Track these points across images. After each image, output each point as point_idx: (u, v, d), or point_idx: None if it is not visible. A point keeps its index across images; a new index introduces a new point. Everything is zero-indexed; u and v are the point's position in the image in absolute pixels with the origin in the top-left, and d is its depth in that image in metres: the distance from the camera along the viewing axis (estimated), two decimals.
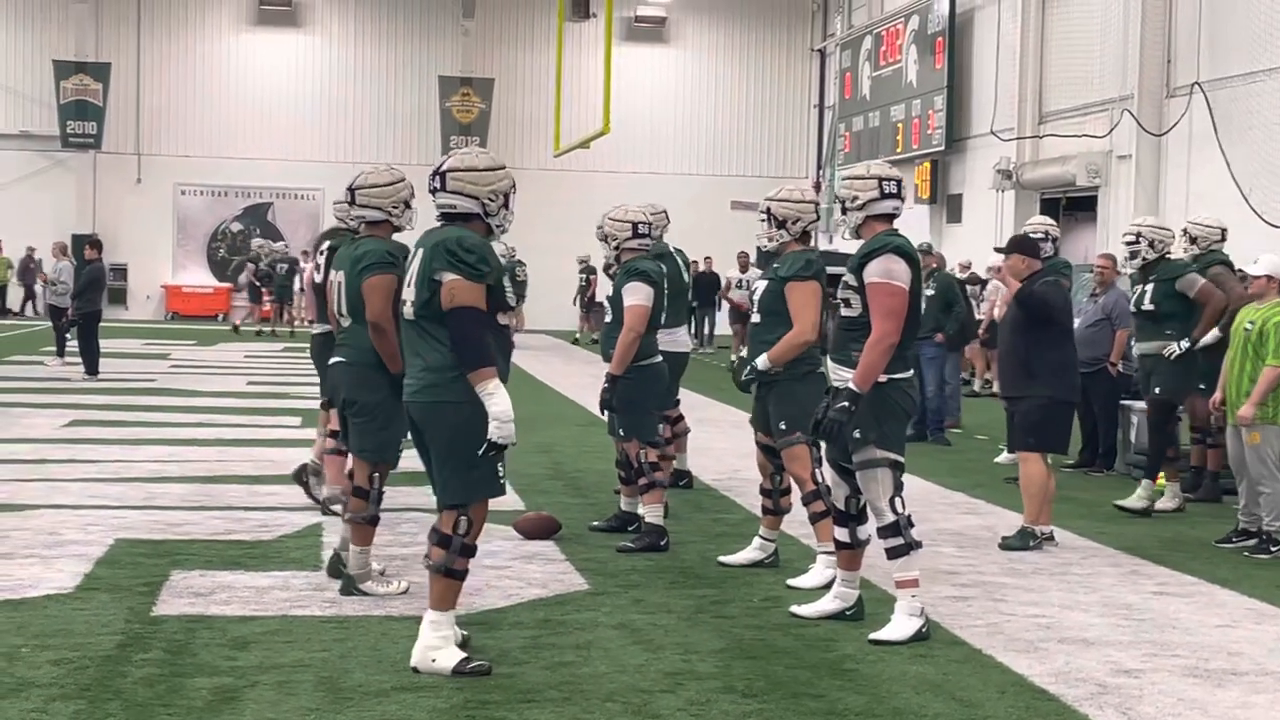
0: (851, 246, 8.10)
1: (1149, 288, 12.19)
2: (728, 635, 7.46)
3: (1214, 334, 11.96)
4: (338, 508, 8.69)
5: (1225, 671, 7.01)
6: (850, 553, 7.85)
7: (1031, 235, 12.89)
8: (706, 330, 34.59)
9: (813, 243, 9.07)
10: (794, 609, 7.94)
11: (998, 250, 15.17)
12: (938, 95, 34.38)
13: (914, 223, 35.13)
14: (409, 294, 6.66)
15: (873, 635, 7.38)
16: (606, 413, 9.94)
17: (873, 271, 7.48)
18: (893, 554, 7.50)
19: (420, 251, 6.65)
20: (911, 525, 7.54)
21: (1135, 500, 11.93)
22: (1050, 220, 13.48)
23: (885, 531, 7.50)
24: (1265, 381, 10.18)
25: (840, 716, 6.10)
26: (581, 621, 7.66)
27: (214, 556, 9.13)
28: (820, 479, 8.64)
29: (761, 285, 8.93)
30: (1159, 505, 11.91)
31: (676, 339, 11.29)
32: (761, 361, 8.66)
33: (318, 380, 10.65)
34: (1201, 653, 7.36)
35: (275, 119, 44.15)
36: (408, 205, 8.30)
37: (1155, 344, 12.10)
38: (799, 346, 8.60)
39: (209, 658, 6.75)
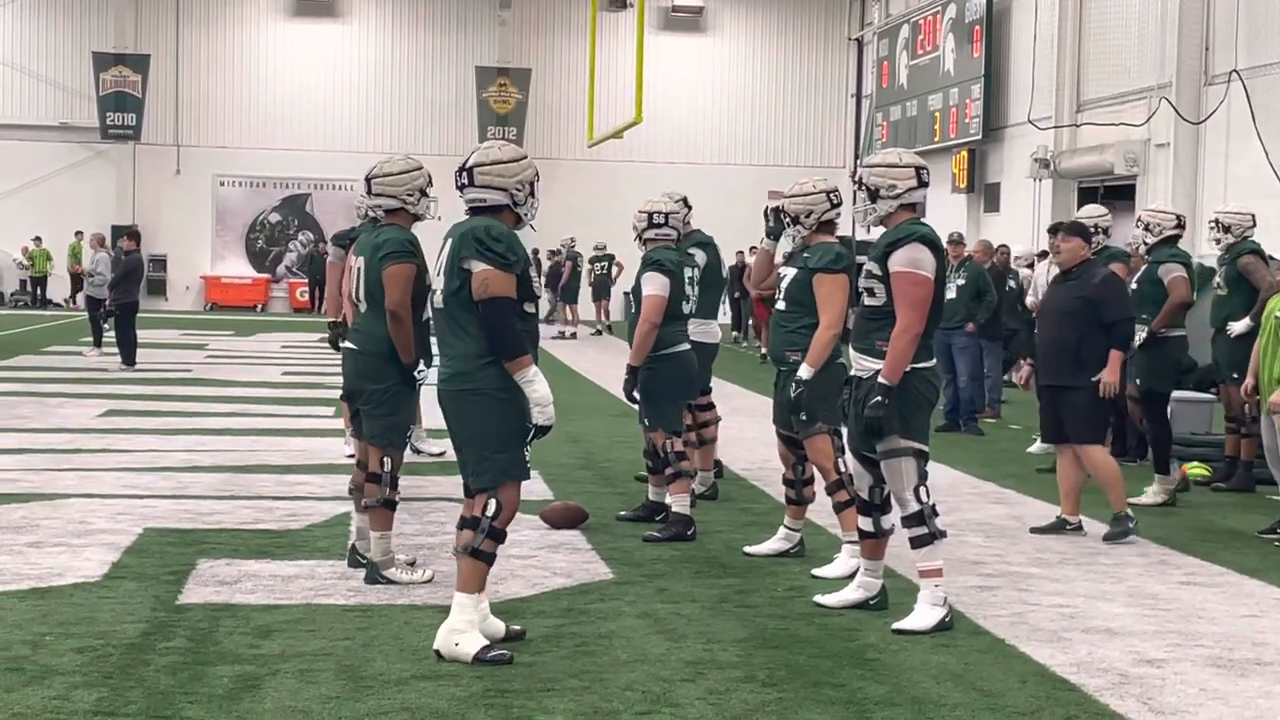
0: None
1: (1142, 269, 12.21)
2: (751, 625, 7.46)
3: (1245, 323, 11.88)
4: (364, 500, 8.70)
5: (1249, 661, 6.97)
6: (874, 542, 7.84)
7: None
8: (749, 322, 34.51)
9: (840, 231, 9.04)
10: (818, 599, 7.94)
11: (1052, 231, 15.03)
12: (975, 84, 34.25)
13: (951, 212, 35.05)
14: (438, 283, 6.75)
15: (896, 625, 7.37)
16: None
17: (899, 261, 7.46)
18: (917, 543, 7.49)
19: (449, 242, 6.72)
20: (936, 515, 7.53)
21: (1150, 497, 11.83)
22: (1103, 210, 13.35)
23: (909, 521, 7.49)
24: None
25: (860, 706, 6.09)
26: (605, 611, 7.67)
27: (241, 545, 9.18)
28: (843, 468, 8.63)
29: (790, 274, 8.91)
30: (1143, 500, 11.74)
31: (708, 330, 11.29)
32: (804, 371, 8.62)
33: None
34: (1226, 643, 7.32)
35: (313, 110, 44.33)
36: (424, 193, 8.33)
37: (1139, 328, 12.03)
38: (830, 341, 8.59)
39: (232, 646, 6.78)
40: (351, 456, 12.59)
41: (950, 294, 16.49)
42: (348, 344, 8.40)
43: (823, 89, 46.12)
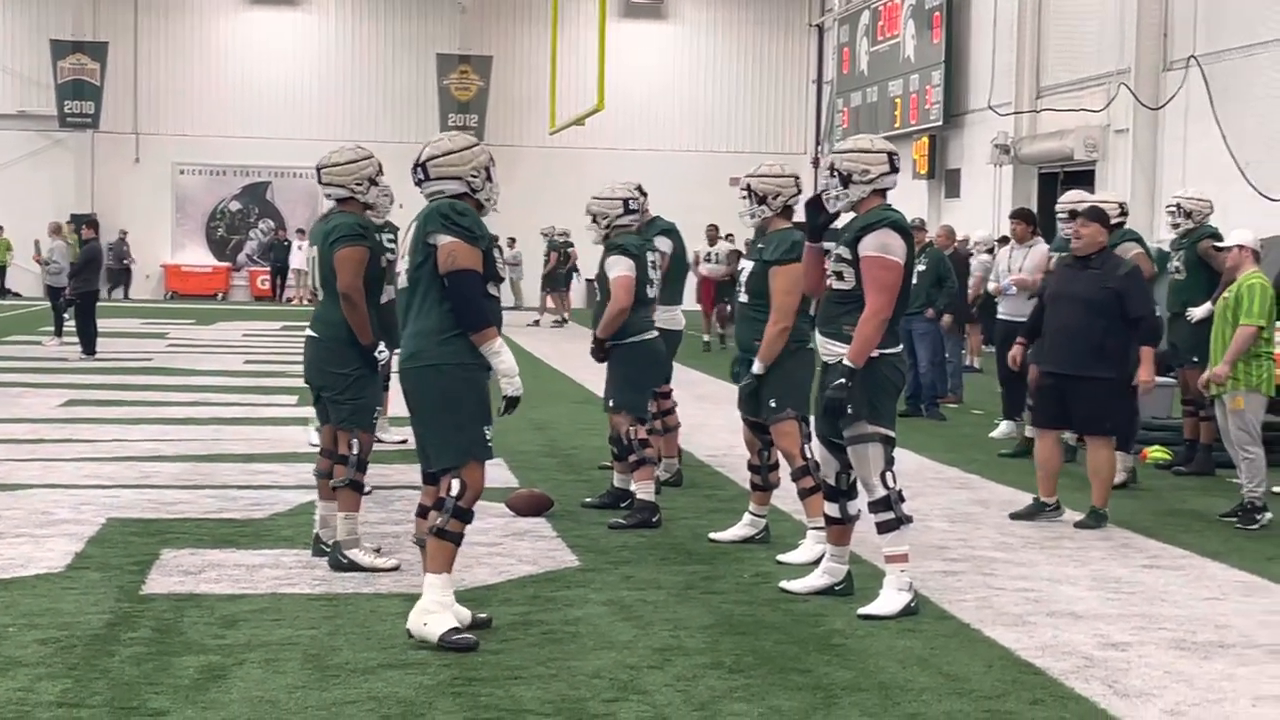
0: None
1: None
2: (717, 611, 7.47)
3: (1206, 308, 11.94)
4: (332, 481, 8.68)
5: (1212, 644, 7.02)
6: (840, 528, 7.86)
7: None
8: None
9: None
10: (783, 584, 7.95)
11: (1073, 214, 14.96)
12: (935, 70, 34.34)
13: (912, 198, 35.12)
14: (403, 264, 6.78)
15: (861, 610, 7.40)
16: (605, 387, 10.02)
17: (870, 245, 7.47)
18: (883, 528, 7.51)
19: (414, 224, 6.76)
20: (902, 500, 7.55)
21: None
22: (1084, 194, 13.31)
23: (876, 506, 7.51)
24: (1240, 340, 10.21)
25: (826, 691, 6.11)
26: (571, 598, 7.67)
27: (205, 535, 9.14)
28: (809, 455, 8.65)
29: (748, 266, 8.95)
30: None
31: (674, 317, 11.32)
32: (757, 366, 8.69)
33: None
34: (1189, 625, 7.37)
35: (273, 98, 44.11)
36: (373, 182, 8.40)
37: None
38: (783, 335, 8.63)
39: (197, 636, 6.76)
40: (315, 445, 12.60)
41: (911, 280, 16.51)
42: (309, 332, 8.39)
43: (784, 75, 46.15)
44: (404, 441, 12.57)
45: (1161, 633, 7.21)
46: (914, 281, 15.98)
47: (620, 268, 9.80)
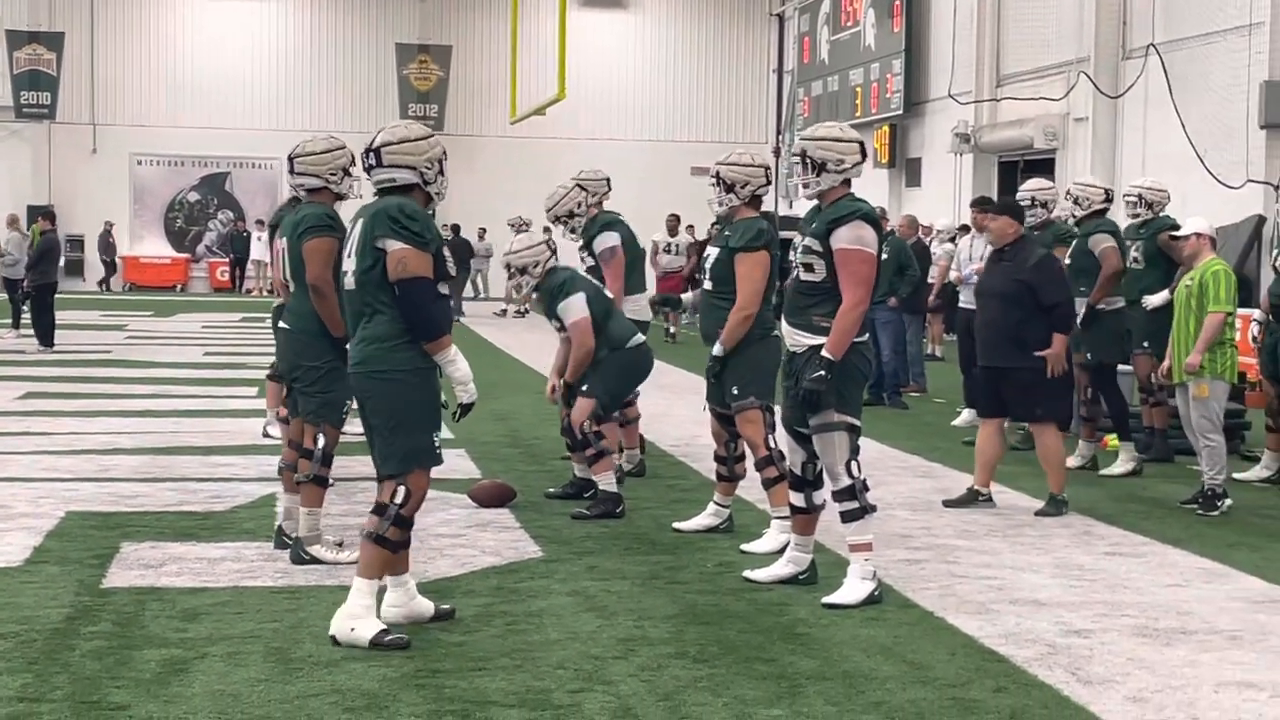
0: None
1: (1074, 244, 12.30)
2: (681, 601, 7.46)
3: (1163, 296, 11.99)
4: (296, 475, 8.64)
5: (1174, 631, 7.04)
6: (805, 518, 7.85)
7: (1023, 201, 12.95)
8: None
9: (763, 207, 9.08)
10: (747, 574, 7.95)
11: (979, 208, 15.10)
12: (896, 59, 34.39)
13: (873, 186, 35.18)
14: (349, 264, 6.65)
15: (826, 599, 7.40)
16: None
17: (844, 238, 7.46)
18: (847, 518, 7.51)
19: (360, 222, 6.64)
20: (867, 489, 7.56)
21: (1120, 465, 11.98)
22: (1047, 183, 13.41)
23: (841, 495, 7.50)
24: (1209, 327, 10.24)
25: (791, 680, 6.11)
26: (535, 589, 7.65)
27: (165, 528, 9.09)
28: (773, 444, 8.65)
29: (713, 254, 8.94)
30: (1113, 470, 11.94)
31: (640, 307, 11.32)
32: (717, 349, 8.71)
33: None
34: (1151, 612, 7.39)
35: (232, 88, 43.89)
36: (347, 172, 8.32)
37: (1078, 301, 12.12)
38: (746, 321, 8.64)
39: (158, 629, 6.71)
40: (269, 436, 12.57)
41: None
42: (281, 324, 8.35)
43: (745, 65, 46.16)
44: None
45: (1124, 620, 7.24)
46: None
47: (574, 312, 9.75)
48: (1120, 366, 12.55)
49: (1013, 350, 10.14)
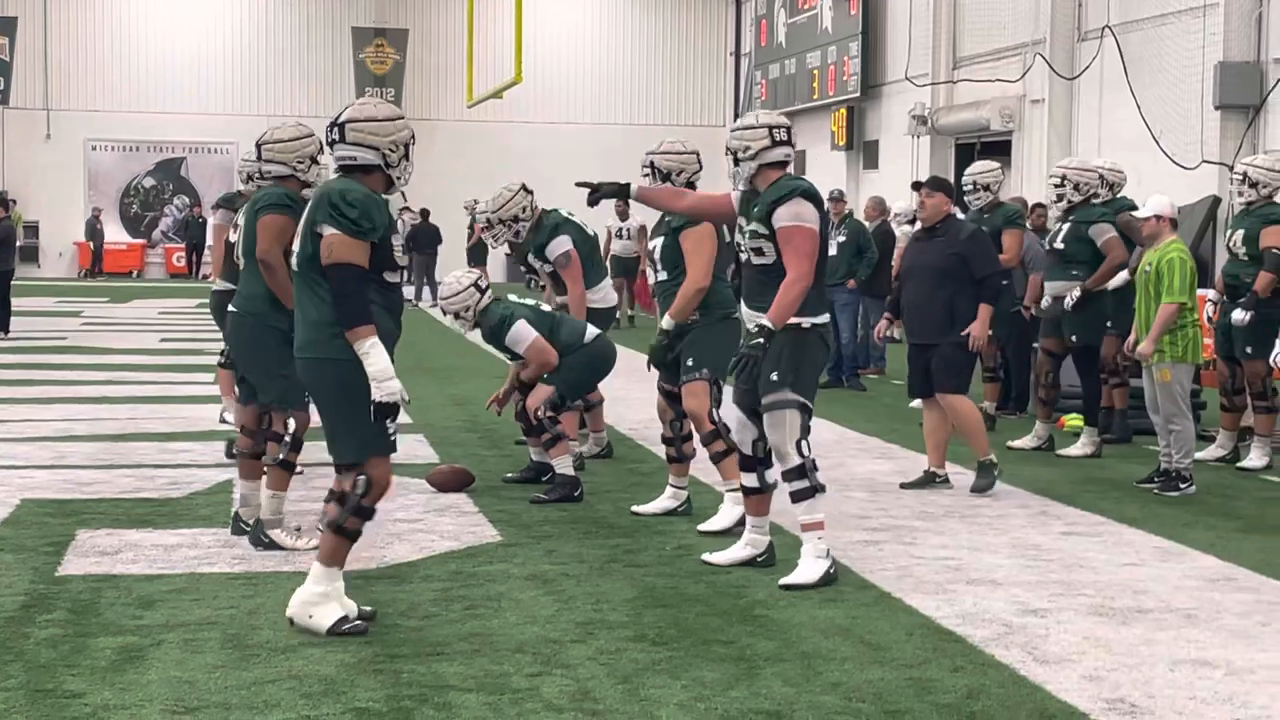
0: None
1: (1064, 227, 12.28)
2: (639, 584, 7.47)
3: (1123, 276, 12.04)
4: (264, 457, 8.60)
5: (1130, 610, 7.08)
6: (759, 497, 7.87)
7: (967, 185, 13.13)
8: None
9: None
10: (705, 557, 7.96)
11: (915, 187, 15.14)
12: (853, 41, 34.41)
13: (830, 169, 35.25)
14: (297, 244, 6.54)
15: (783, 580, 7.41)
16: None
17: (783, 216, 7.50)
18: (798, 497, 7.53)
19: (309, 204, 6.55)
20: (816, 469, 7.57)
21: (1080, 448, 12.05)
22: (993, 165, 13.45)
23: (790, 475, 7.52)
24: (1162, 318, 10.29)
25: (749, 662, 6.12)
26: (493, 573, 7.64)
27: (122, 515, 9.03)
28: (718, 419, 8.68)
29: (658, 243, 8.97)
30: (1073, 451, 12.00)
31: (605, 295, 11.33)
32: (666, 322, 8.75)
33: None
34: (1107, 591, 7.43)
35: (187, 73, 43.60)
36: (314, 160, 8.22)
37: (1061, 284, 12.18)
38: (698, 295, 8.69)
39: (114, 617, 6.68)
40: (225, 423, 12.51)
41: (831, 251, 16.61)
42: (231, 308, 8.28)
43: (702, 48, 46.11)
44: None
45: (1080, 599, 7.27)
46: (834, 253, 16.29)
47: (524, 337, 9.80)
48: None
49: (945, 325, 10.25)
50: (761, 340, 7.36)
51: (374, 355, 6.21)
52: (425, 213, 35.35)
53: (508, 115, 41.62)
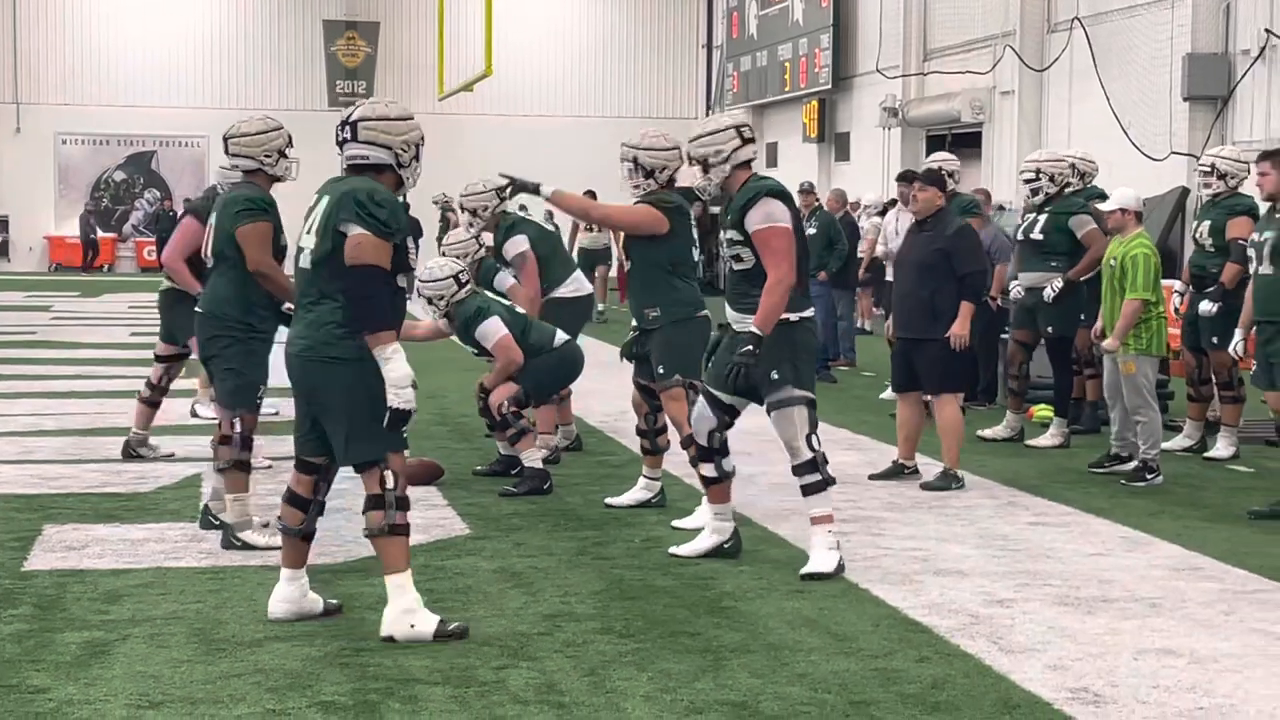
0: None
1: (1041, 218, 12.26)
2: (608, 576, 7.48)
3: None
4: (215, 462, 8.58)
5: (1095, 599, 7.12)
6: (719, 487, 7.91)
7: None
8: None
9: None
10: (673, 549, 7.98)
11: (902, 179, 15.21)
12: (824, 34, 34.42)
13: (802, 161, 35.30)
14: (308, 241, 6.37)
15: (803, 570, 7.45)
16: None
17: (755, 219, 7.54)
18: (809, 490, 7.57)
19: (324, 199, 6.38)
20: (826, 462, 7.60)
21: (1049, 439, 12.09)
22: (951, 156, 13.55)
23: (802, 469, 7.56)
24: (1127, 314, 10.34)
25: (715, 653, 6.13)
26: (461, 566, 7.65)
27: (89, 510, 9.01)
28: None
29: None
30: (1042, 442, 12.05)
31: (579, 285, 11.33)
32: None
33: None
34: (1073, 581, 7.46)
35: (158, 66, 43.37)
36: (283, 154, 8.16)
37: (1039, 275, 12.17)
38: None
39: (80, 612, 6.66)
40: (197, 416, 12.49)
41: None
42: (197, 308, 8.26)
43: (674, 40, 46.06)
44: (276, 414, 12.06)
45: (1046, 589, 7.30)
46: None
47: (493, 333, 9.80)
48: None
49: (928, 321, 10.20)
50: (751, 348, 7.38)
51: (395, 361, 6.15)
52: (405, 206, 35.24)
53: (479, 108, 41.56)
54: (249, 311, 7.99)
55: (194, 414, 12.72)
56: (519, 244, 10.90)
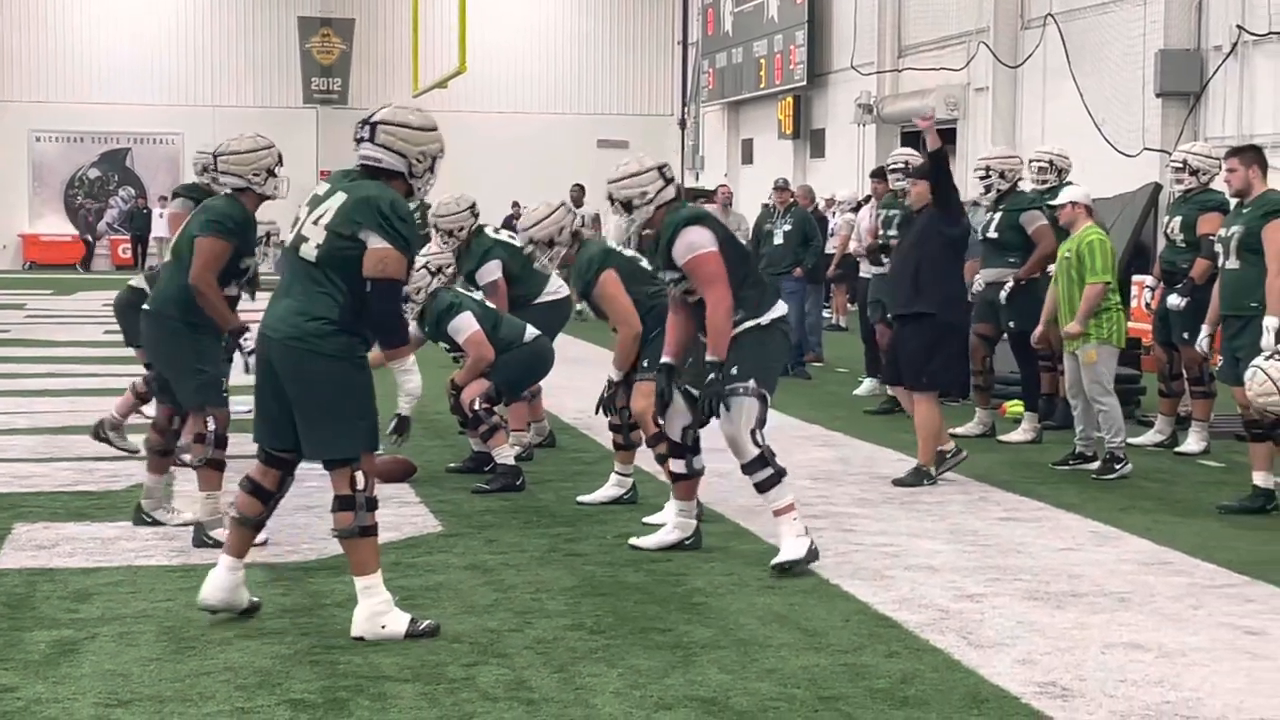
0: None
1: (996, 216, 12.36)
2: (579, 573, 7.48)
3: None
4: (186, 457, 8.58)
5: (1065, 594, 7.14)
6: (687, 483, 7.94)
7: (892, 166, 13.32)
8: None
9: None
10: (634, 541, 8.03)
11: (876, 175, 15.31)
12: (799, 30, 34.46)
13: (777, 158, 35.32)
14: (313, 232, 6.25)
15: (773, 561, 7.47)
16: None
17: (680, 254, 7.58)
18: (763, 486, 7.57)
19: (337, 193, 6.28)
20: (774, 454, 7.61)
21: (1021, 434, 12.13)
22: (912, 150, 13.67)
23: (751, 466, 7.56)
24: (1089, 298, 10.39)
25: (686, 649, 6.14)
26: (433, 564, 7.65)
27: (60, 508, 8.99)
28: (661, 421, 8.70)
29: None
30: (1013, 437, 12.09)
31: (558, 287, 11.32)
32: (614, 373, 8.87)
33: None
34: (1043, 576, 7.49)
35: (133, 63, 43.20)
36: (271, 173, 7.94)
37: (997, 271, 12.27)
38: (634, 341, 8.78)
39: (49, 610, 6.65)
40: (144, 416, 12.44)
41: (778, 239, 16.62)
42: (145, 306, 8.17)
43: (649, 36, 46.02)
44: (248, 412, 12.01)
45: (1016, 584, 7.33)
46: (780, 242, 16.30)
47: (465, 328, 9.74)
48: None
49: (910, 294, 10.15)
50: (714, 376, 7.40)
51: (414, 374, 6.15)
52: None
53: (454, 105, 41.39)
54: (191, 310, 7.82)
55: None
56: (492, 271, 10.82)
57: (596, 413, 9.25)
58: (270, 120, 42.37)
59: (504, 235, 11.29)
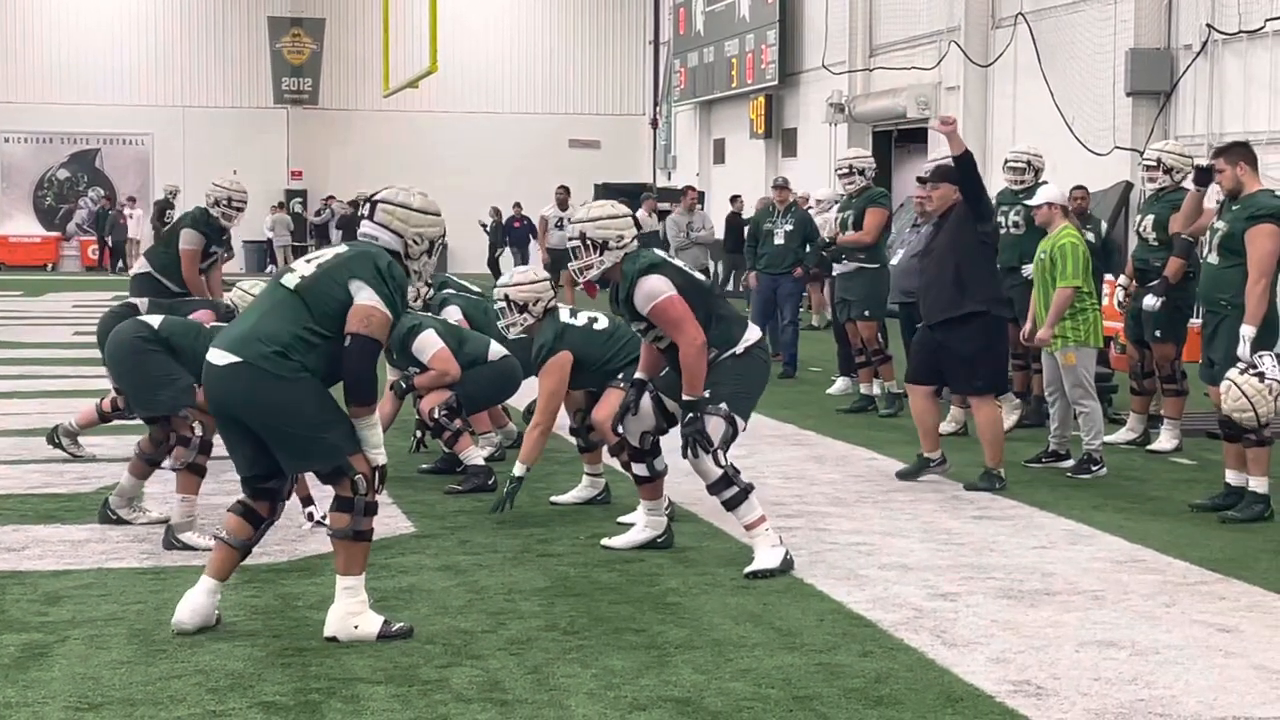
0: None
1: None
2: (552, 574, 7.46)
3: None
4: (168, 461, 8.53)
5: (1038, 592, 7.15)
6: (651, 485, 7.97)
7: (840, 171, 14.01)
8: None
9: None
10: (605, 541, 8.01)
11: (920, 180, 15.32)
12: (770, 30, 34.49)
13: (749, 157, 35.36)
14: (303, 268, 6.30)
15: (747, 569, 7.43)
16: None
17: (641, 304, 7.55)
18: (730, 505, 7.54)
19: (338, 248, 6.42)
20: (738, 472, 7.58)
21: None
22: (863, 151, 13.85)
23: (717, 486, 7.51)
24: (1059, 302, 10.40)
25: (660, 650, 6.13)
26: (405, 565, 7.62)
27: (29, 511, 8.93)
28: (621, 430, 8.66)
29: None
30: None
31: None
32: (519, 468, 8.80)
33: None
34: (1016, 575, 7.50)
35: (102, 63, 43.05)
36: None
37: None
38: (541, 436, 8.76)
39: (18, 614, 6.60)
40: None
41: (778, 239, 16.52)
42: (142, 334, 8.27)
43: (621, 36, 46.03)
44: None
45: (989, 582, 7.33)
46: (781, 242, 16.24)
47: (430, 346, 9.67)
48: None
49: (956, 296, 9.99)
50: (692, 415, 7.39)
51: (376, 431, 6.20)
52: (356, 203, 35.17)
53: (425, 105, 41.45)
54: (140, 326, 8.04)
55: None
56: (450, 314, 10.76)
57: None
58: (240, 120, 42.38)
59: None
